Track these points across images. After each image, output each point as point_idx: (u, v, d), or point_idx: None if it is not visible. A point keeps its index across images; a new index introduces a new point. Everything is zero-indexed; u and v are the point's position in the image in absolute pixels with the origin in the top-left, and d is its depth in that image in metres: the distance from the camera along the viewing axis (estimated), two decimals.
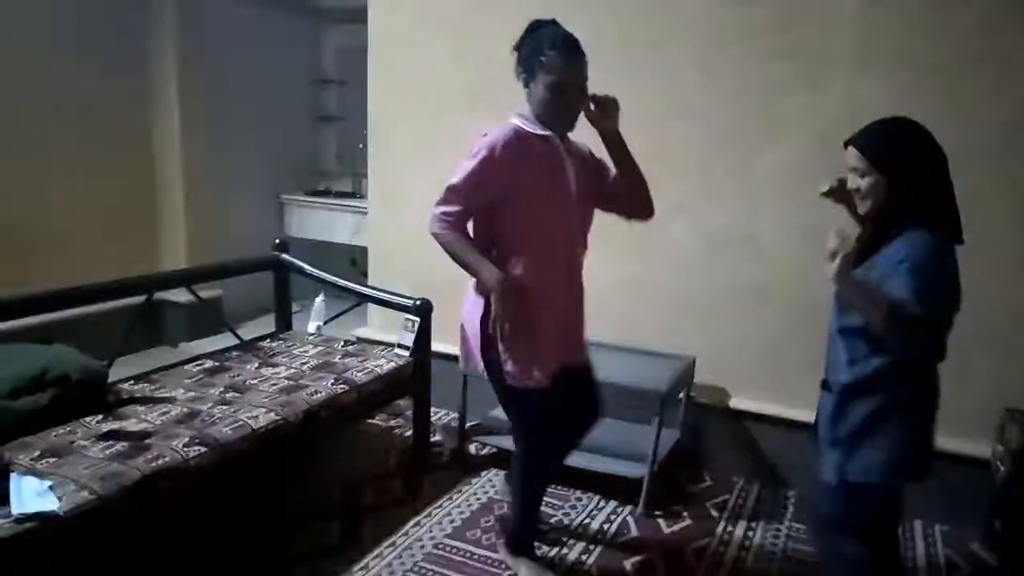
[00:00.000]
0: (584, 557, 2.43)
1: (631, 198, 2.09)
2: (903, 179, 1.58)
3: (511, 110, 2.05)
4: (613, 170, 2.09)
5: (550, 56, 1.86)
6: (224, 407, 2.40)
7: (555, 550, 2.44)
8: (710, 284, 2.98)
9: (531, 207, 1.95)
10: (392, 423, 3.44)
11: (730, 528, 2.64)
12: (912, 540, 2.64)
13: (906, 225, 1.57)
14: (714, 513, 2.75)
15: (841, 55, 2.71)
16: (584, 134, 2.06)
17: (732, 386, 3.06)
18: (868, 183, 1.61)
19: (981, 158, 2.57)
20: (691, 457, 3.11)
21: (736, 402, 3.03)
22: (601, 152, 2.09)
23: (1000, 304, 2.59)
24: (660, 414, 2.66)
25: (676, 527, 2.65)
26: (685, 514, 2.73)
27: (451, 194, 1.97)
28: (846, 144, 1.66)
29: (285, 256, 3.36)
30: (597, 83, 2.01)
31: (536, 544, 2.36)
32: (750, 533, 2.63)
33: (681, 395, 2.99)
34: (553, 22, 1.94)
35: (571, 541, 2.52)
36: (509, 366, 2.02)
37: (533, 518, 2.33)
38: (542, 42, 1.88)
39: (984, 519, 2.55)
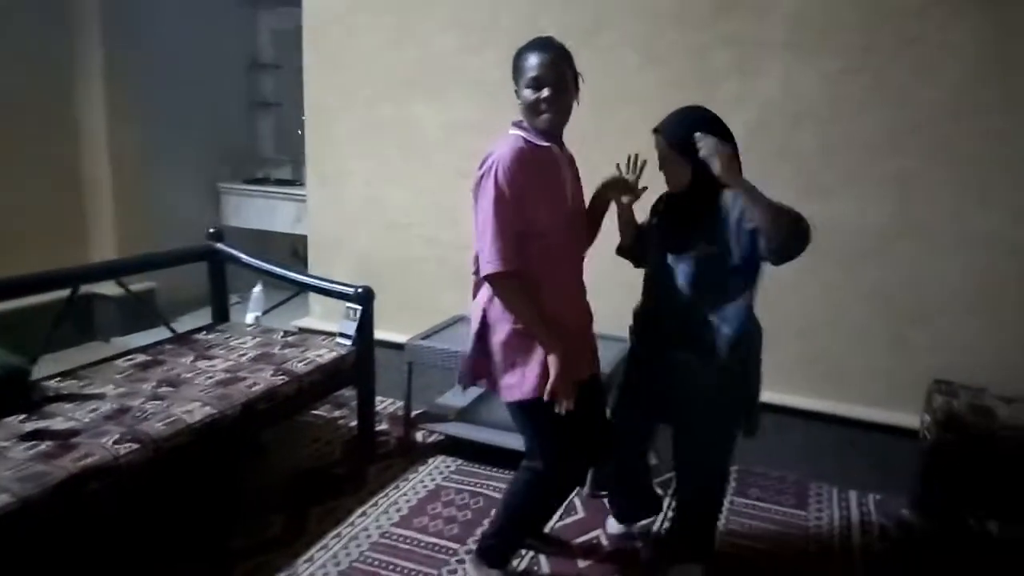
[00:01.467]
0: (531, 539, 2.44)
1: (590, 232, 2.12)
2: (700, 159, 1.84)
3: (447, 89, 2.02)
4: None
5: (525, 55, 1.89)
6: (157, 402, 2.32)
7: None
8: None
9: (538, 217, 1.90)
10: (337, 414, 3.39)
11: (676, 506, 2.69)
12: (847, 509, 2.73)
13: (715, 194, 1.91)
14: (659, 492, 2.79)
15: (775, 41, 2.75)
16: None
17: None
18: (674, 165, 1.94)
19: (914, 141, 2.65)
20: None
21: None
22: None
23: (933, 281, 2.70)
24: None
25: None
26: None
27: (492, 238, 1.84)
28: (654, 131, 1.96)
29: (220, 245, 3.26)
30: None
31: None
32: None
33: None
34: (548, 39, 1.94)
35: None
36: (512, 378, 1.96)
37: (527, 535, 2.30)
38: (523, 47, 1.91)
39: (914, 487, 2.66)
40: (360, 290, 2.90)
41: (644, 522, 2.52)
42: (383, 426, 3.24)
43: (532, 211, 1.88)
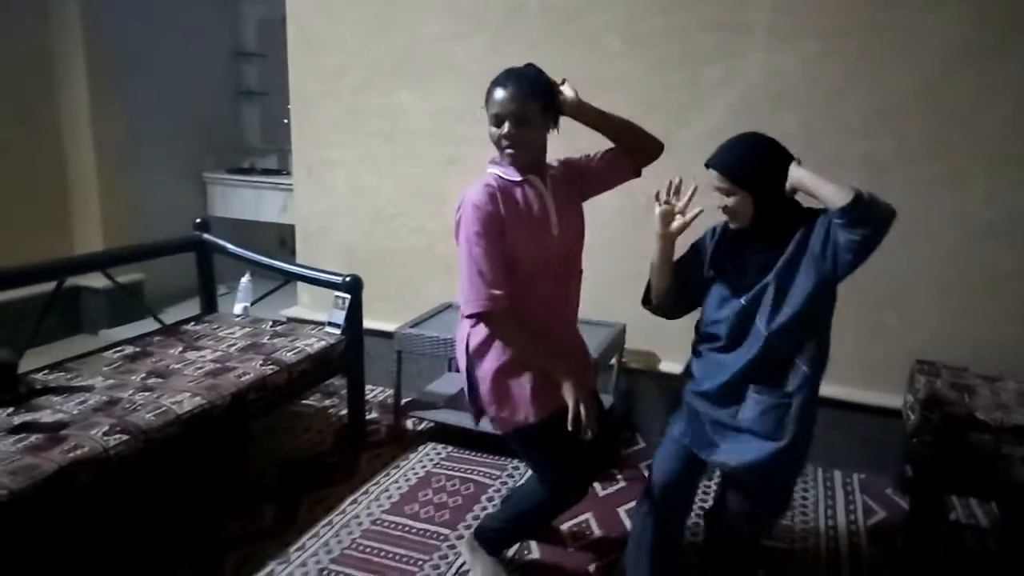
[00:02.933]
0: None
1: (632, 149, 1.98)
2: (764, 190, 1.71)
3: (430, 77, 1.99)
4: (585, 154, 2.03)
5: (492, 89, 1.82)
6: (146, 393, 2.32)
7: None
8: (637, 252, 3.01)
9: (520, 252, 1.85)
10: (327, 403, 3.40)
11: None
12: (832, 489, 2.77)
13: (792, 221, 1.73)
14: (647, 474, 2.82)
15: (757, 25, 2.76)
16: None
17: (661, 350, 3.13)
18: (735, 201, 1.73)
19: (888, 125, 2.68)
20: (624, 421, 3.18)
21: (665, 366, 3.09)
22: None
23: (908, 266, 2.72)
24: (593, 381, 2.70)
25: (611, 489, 2.71)
26: (619, 476, 2.79)
27: (470, 278, 1.80)
28: (707, 165, 1.75)
29: (207, 236, 3.25)
30: (521, 54, 2.00)
31: None
32: None
33: (613, 361, 3.05)
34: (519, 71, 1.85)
35: None
36: (504, 410, 1.92)
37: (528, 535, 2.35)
38: (493, 80, 1.83)
39: (897, 466, 2.70)
40: (348, 279, 2.91)
41: None
42: (373, 414, 3.26)
43: (512, 247, 1.84)
